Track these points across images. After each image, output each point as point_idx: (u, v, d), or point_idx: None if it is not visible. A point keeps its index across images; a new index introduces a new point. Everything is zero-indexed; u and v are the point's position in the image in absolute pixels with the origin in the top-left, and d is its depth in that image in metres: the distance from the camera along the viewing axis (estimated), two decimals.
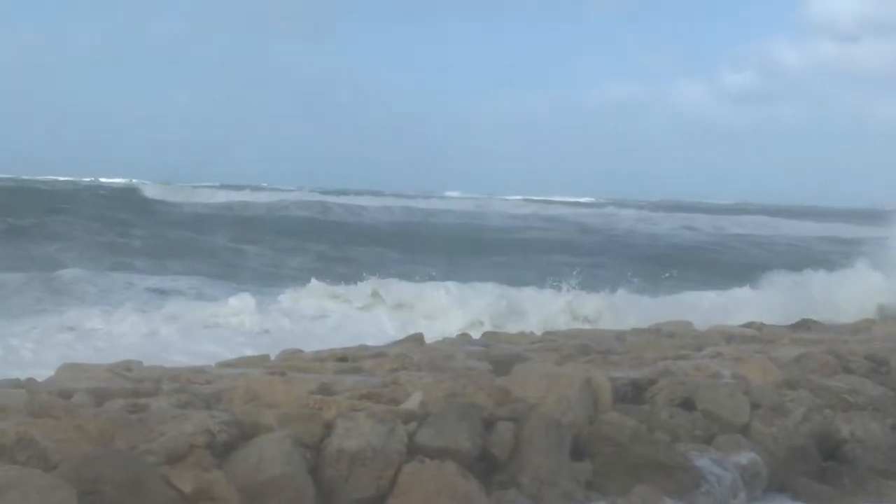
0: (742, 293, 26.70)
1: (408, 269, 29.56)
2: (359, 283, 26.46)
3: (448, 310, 24.40)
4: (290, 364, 11.51)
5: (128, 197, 71.93)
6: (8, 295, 25.87)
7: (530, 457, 8.39)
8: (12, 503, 5.85)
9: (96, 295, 27.10)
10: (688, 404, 10.13)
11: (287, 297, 25.74)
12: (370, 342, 15.48)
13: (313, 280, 26.89)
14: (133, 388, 9.05)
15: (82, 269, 31.19)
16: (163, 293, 28.58)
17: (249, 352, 15.75)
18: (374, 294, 25.95)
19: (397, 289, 26.31)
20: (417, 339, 15.08)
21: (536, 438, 8.48)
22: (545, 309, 24.14)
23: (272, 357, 12.81)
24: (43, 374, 10.92)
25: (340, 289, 26.56)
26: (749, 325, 18.99)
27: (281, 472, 7.18)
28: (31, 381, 9.66)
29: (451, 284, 25.84)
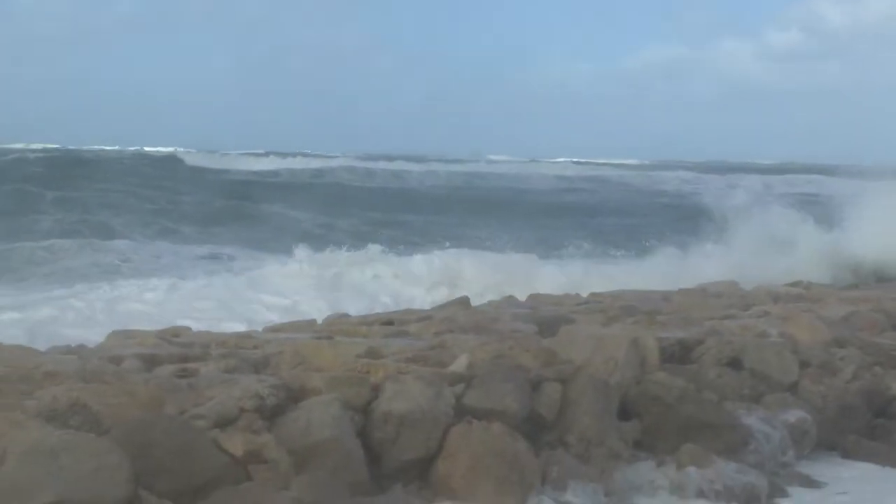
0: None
1: (459, 234, 29.32)
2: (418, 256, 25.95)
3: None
4: (337, 328, 11.56)
5: (173, 166, 71.82)
6: (63, 259, 26.04)
7: (578, 417, 8.41)
8: (66, 467, 5.93)
9: (148, 262, 27.21)
10: (735, 364, 10.11)
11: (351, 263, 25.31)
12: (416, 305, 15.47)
13: (371, 247, 26.58)
14: (182, 353, 9.12)
15: (133, 238, 31.24)
16: (215, 259, 28.60)
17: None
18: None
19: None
20: (463, 301, 15.08)
21: (584, 399, 8.49)
22: None
23: (319, 322, 12.86)
24: (95, 339, 11.01)
25: (401, 260, 26.11)
26: (795, 284, 18.90)
27: (330, 435, 7.22)
28: (82, 347, 9.77)
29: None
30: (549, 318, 11.84)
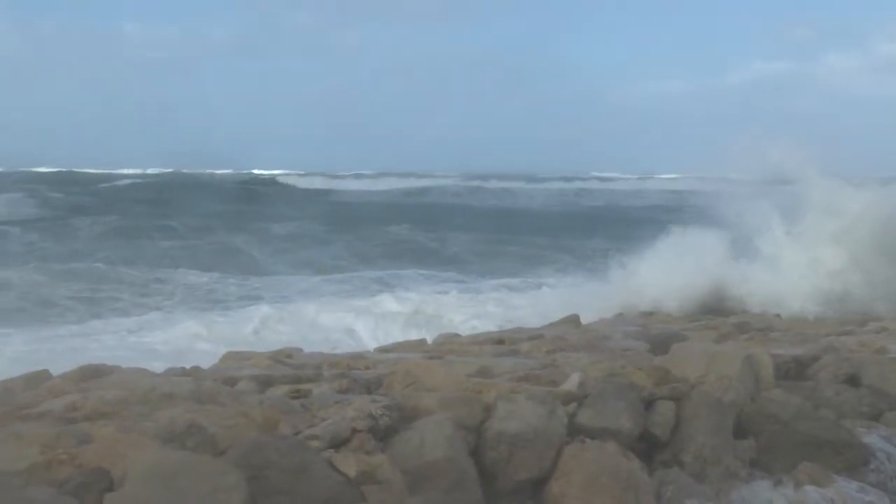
0: None
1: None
2: None
3: None
4: (448, 348, 11.58)
5: (292, 188, 71.85)
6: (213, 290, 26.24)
7: (692, 435, 8.30)
8: (183, 488, 6.01)
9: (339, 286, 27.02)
10: (853, 380, 9.90)
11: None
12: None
13: None
14: (294, 374, 9.19)
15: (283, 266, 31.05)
16: (384, 283, 28.31)
17: None
18: None
19: None
20: (573, 320, 15.02)
21: (698, 417, 8.38)
22: None
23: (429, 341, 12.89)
24: None
25: None
26: None
27: (443, 455, 7.20)
28: (196, 368, 9.89)
29: None
30: (660, 335, 11.75)
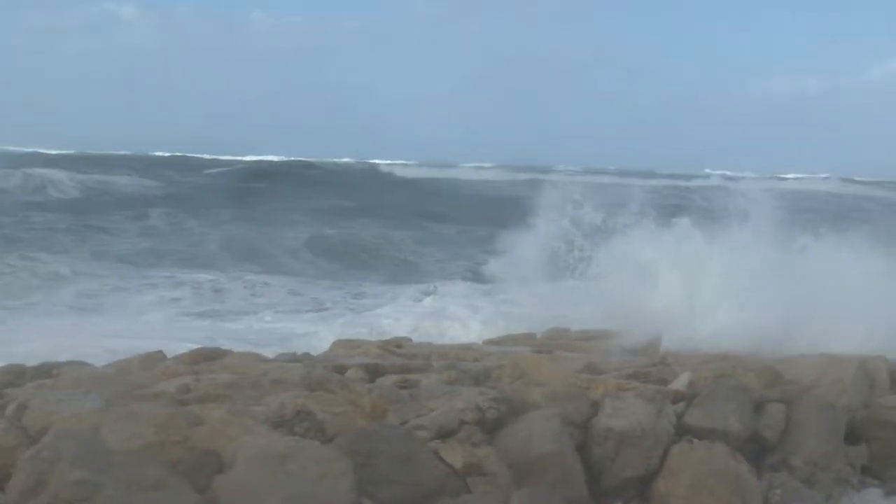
0: None
1: None
2: None
3: None
4: (556, 342, 11.54)
5: (429, 178, 70.08)
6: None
7: (803, 439, 8.17)
8: (292, 472, 6.09)
9: None
10: None
11: None
12: None
13: None
14: (403, 364, 9.23)
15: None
16: None
17: None
18: None
19: None
20: None
21: (810, 421, 8.25)
22: None
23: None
24: None
25: None
26: None
27: (550, 450, 7.19)
28: (307, 355, 9.98)
29: None
30: None
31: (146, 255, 28.63)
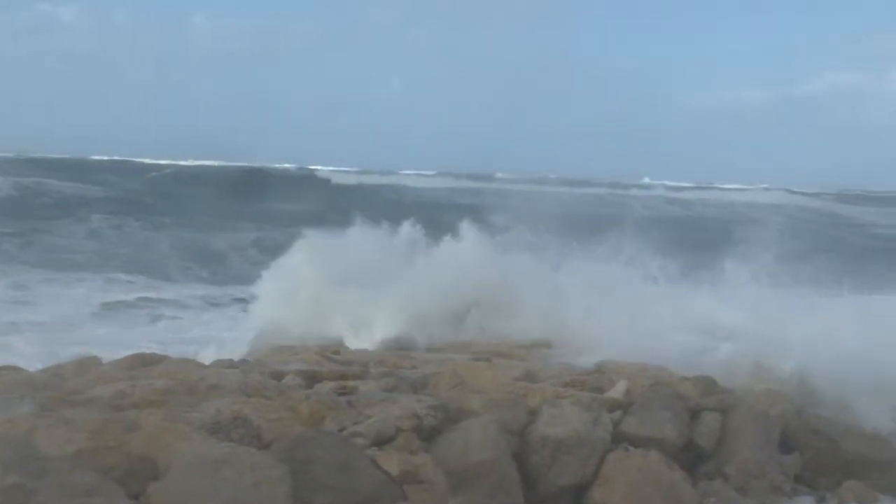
0: None
1: None
2: None
3: None
4: (495, 350, 11.53)
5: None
6: None
7: (738, 448, 8.26)
8: (228, 479, 6.03)
9: None
10: None
11: None
12: None
13: None
14: (341, 370, 9.20)
15: None
16: None
17: None
18: None
19: None
20: None
21: (744, 430, 8.34)
22: None
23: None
24: None
25: None
26: None
27: (487, 457, 7.21)
28: (244, 361, 9.91)
29: None
30: None
31: (86, 258, 28.43)
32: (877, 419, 9.16)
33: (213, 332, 17.04)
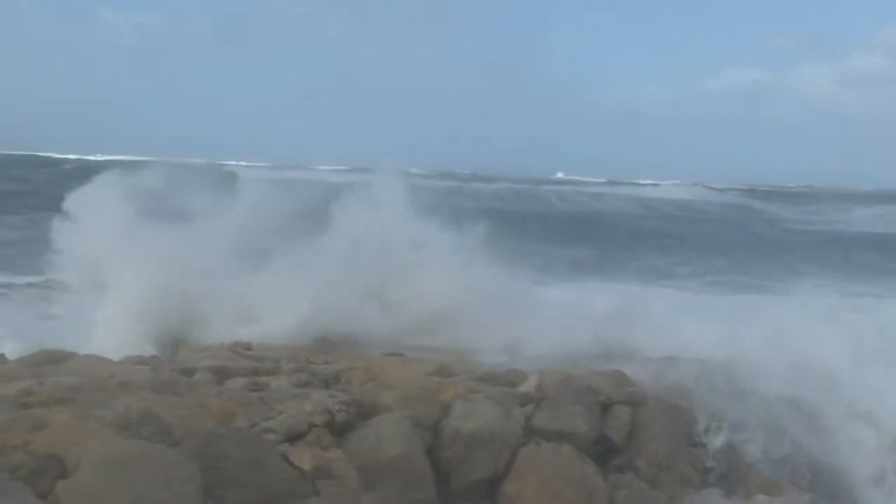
0: None
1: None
2: None
3: None
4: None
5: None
6: None
7: (648, 441, 8.33)
8: (137, 477, 5.98)
9: None
10: None
11: None
12: None
13: None
14: (253, 367, 9.12)
15: None
16: None
17: None
18: None
19: None
20: None
21: (654, 423, 8.41)
22: None
23: None
24: None
25: None
26: None
27: (399, 453, 7.22)
28: (154, 357, 9.79)
29: None
30: None
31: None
32: None
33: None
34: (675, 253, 30.16)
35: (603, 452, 8.24)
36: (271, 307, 11.19)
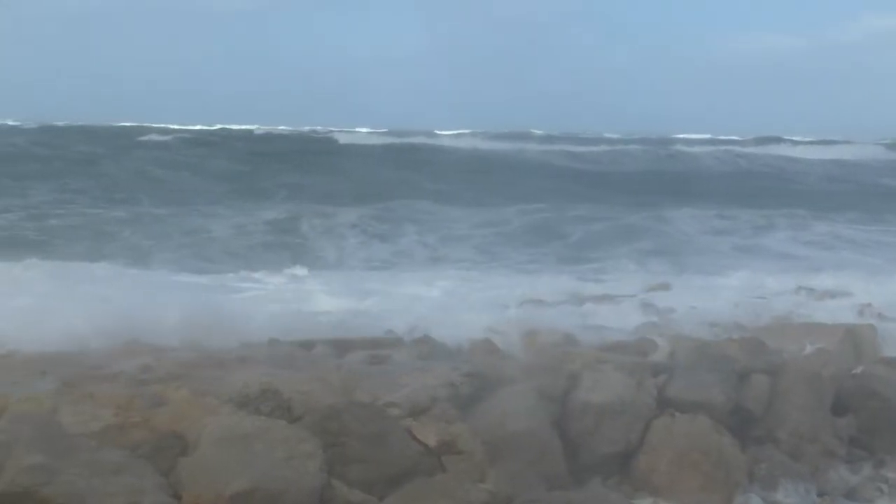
0: None
1: None
2: None
3: None
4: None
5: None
6: None
7: (788, 411, 7.99)
8: (258, 453, 5.90)
9: None
10: None
11: None
12: None
13: None
14: (373, 338, 9.05)
15: None
16: None
17: None
18: None
19: None
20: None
21: (794, 392, 8.07)
22: None
23: None
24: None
25: None
26: None
27: (526, 426, 7.01)
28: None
29: None
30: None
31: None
32: None
33: None
34: None
35: (740, 423, 7.93)
36: None
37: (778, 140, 73.37)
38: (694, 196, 31.48)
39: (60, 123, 69.01)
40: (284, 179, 35.16)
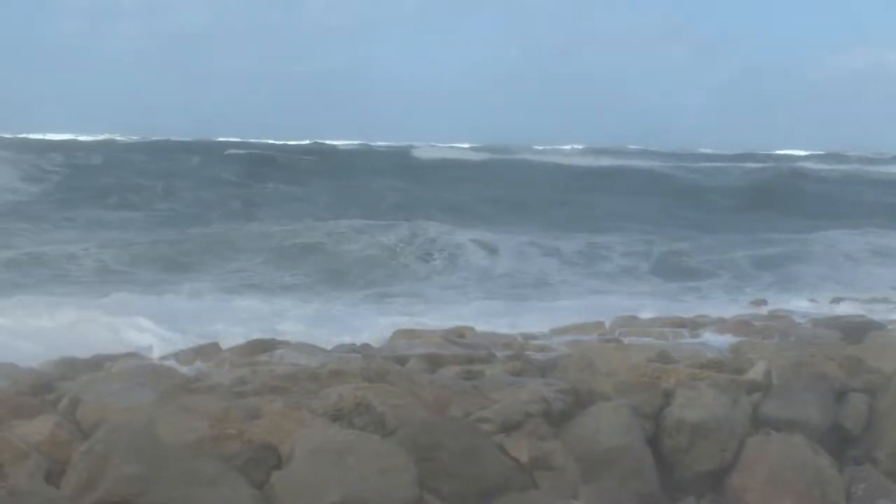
0: None
1: None
2: None
3: None
4: (626, 330, 11.29)
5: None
6: None
7: (888, 431, 7.85)
8: (352, 467, 5.94)
9: None
10: None
11: None
12: None
13: None
14: (466, 354, 9.06)
15: None
16: None
17: None
18: None
19: None
20: (759, 302, 14.54)
21: (894, 411, 7.93)
22: None
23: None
24: None
25: None
26: None
27: (619, 443, 6.98)
28: (365, 346, 9.83)
29: None
30: (855, 323, 11.22)
31: None
32: None
33: None
34: None
35: (838, 443, 7.81)
36: None
37: None
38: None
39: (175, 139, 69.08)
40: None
